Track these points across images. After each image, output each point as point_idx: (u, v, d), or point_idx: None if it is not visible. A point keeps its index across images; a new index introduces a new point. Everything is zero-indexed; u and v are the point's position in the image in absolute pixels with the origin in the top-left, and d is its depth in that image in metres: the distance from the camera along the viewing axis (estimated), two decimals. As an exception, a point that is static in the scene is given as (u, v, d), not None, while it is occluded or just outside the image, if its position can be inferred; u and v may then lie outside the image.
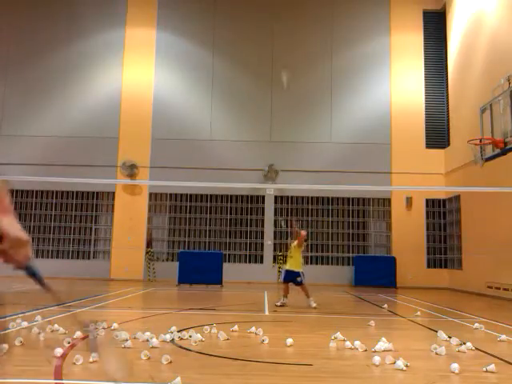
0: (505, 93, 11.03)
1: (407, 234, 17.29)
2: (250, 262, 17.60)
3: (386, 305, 9.71)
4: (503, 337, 5.96)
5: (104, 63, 18.38)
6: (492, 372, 4.20)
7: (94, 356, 1.70)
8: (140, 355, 4.41)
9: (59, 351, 4.44)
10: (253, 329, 6.02)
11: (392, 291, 14.82)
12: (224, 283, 14.89)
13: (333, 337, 5.57)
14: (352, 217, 17.82)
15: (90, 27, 18.45)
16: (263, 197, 17.77)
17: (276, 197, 17.80)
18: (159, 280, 16.61)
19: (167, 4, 18.56)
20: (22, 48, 18.45)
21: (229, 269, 16.31)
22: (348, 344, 5.19)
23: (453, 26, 17.06)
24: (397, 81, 18.10)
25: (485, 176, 13.00)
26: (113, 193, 17.85)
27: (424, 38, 18.31)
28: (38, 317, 6.52)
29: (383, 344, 5.12)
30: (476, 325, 6.95)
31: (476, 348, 5.23)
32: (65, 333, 5.40)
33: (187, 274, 14.83)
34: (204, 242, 17.72)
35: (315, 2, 18.54)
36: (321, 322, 7.65)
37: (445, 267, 17.20)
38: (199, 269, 14.77)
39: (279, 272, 17.05)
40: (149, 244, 17.59)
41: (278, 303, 9.41)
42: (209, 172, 17.21)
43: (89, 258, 17.67)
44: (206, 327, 6.02)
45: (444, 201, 17.51)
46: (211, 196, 17.85)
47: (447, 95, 17.69)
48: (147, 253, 17.27)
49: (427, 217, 17.56)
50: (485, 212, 13.95)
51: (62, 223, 17.80)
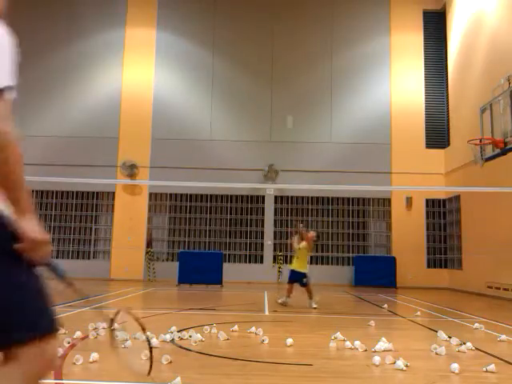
0: (505, 93, 11.03)
1: (407, 234, 17.29)
2: (250, 262, 17.61)
3: (386, 305, 9.71)
4: (503, 337, 5.96)
5: (104, 63, 18.38)
6: (492, 372, 4.20)
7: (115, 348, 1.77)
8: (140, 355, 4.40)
9: (59, 351, 4.44)
10: (253, 329, 6.02)
11: (392, 291, 14.82)
12: (224, 283, 14.89)
13: (333, 337, 5.57)
14: (352, 217, 17.82)
15: (90, 27, 18.44)
16: (263, 197, 17.77)
17: (276, 197, 17.80)
18: (159, 280, 16.61)
19: (167, 4, 18.56)
20: (22, 48, 18.15)
21: (229, 269, 16.31)
22: (348, 344, 5.20)
23: (453, 26, 17.06)
24: (397, 81, 18.10)
25: (485, 176, 13.00)
26: (113, 193, 17.85)
27: (424, 38, 18.31)
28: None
29: (383, 344, 5.12)
30: (476, 325, 6.96)
31: (476, 348, 5.23)
32: (65, 333, 5.40)
33: (187, 274, 14.83)
34: (204, 242, 17.72)
35: (315, 2, 18.54)
36: (321, 322, 7.65)
37: (445, 267, 17.20)
38: (199, 269, 14.77)
39: (279, 272, 17.08)
40: (149, 244, 17.59)
41: (280, 300, 9.44)
42: (209, 172, 17.21)
43: (89, 258, 17.67)
44: (206, 327, 6.02)
45: (444, 201, 17.51)
46: (211, 196, 17.85)
47: (447, 95, 17.69)
48: (147, 253, 17.27)
49: (427, 217, 17.57)
50: (485, 212, 13.94)
51: (62, 223, 17.80)
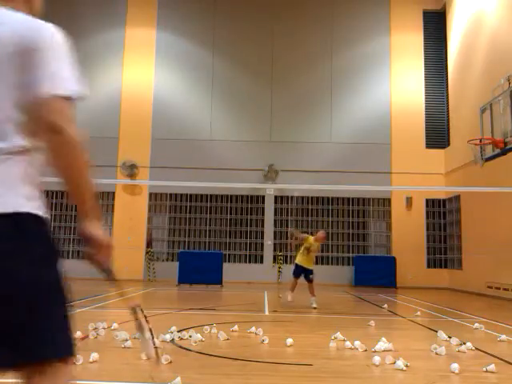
0: (505, 93, 11.03)
1: (407, 234, 17.28)
2: (250, 262, 17.60)
3: (386, 305, 9.71)
4: (503, 337, 5.97)
5: (104, 63, 18.37)
6: (492, 372, 4.20)
7: (138, 336, 1.98)
8: (140, 355, 4.41)
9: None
10: (253, 329, 6.02)
11: (392, 291, 14.81)
12: (224, 283, 14.89)
13: (333, 337, 5.57)
14: (352, 217, 17.82)
15: (90, 27, 18.43)
16: (263, 197, 17.77)
17: (276, 197, 17.80)
18: (159, 280, 16.61)
19: (167, 4, 18.56)
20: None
21: (229, 269, 16.31)
22: (348, 344, 5.20)
23: (453, 26, 17.06)
24: (397, 81, 18.10)
25: (485, 176, 13.00)
26: (113, 193, 17.84)
27: (424, 38, 18.30)
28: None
29: (383, 344, 5.12)
30: (476, 325, 6.96)
31: (476, 348, 5.23)
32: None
33: (187, 274, 14.83)
34: (204, 242, 17.72)
35: (315, 2, 18.54)
36: (321, 322, 7.66)
37: (445, 267, 17.20)
38: (199, 269, 14.76)
39: (279, 272, 17.08)
40: (149, 244, 17.59)
41: (282, 296, 9.48)
42: (209, 172, 17.20)
43: (89, 258, 17.64)
44: (206, 327, 6.02)
45: (444, 201, 17.51)
46: (211, 196, 17.85)
47: (447, 95, 17.69)
48: (147, 253, 17.27)
49: (427, 217, 17.56)
50: (485, 212, 13.94)
51: (62, 223, 17.79)
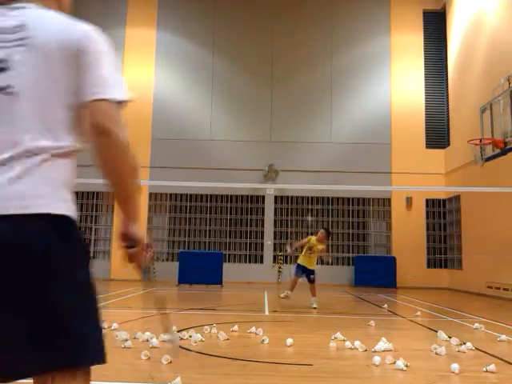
0: (505, 93, 11.03)
1: (407, 234, 17.28)
2: (250, 262, 17.60)
3: (386, 305, 9.71)
4: (503, 337, 5.96)
5: (104, 63, 18.35)
6: (492, 372, 4.20)
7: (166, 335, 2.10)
8: (140, 355, 4.41)
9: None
10: (253, 329, 6.02)
11: (392, 291, 14.81)
12: (224, 283, 14.89)
13: (333, 337, 5.57)
14: (352, 217, 17.82)
15: (90, 27, 18.42)
16: (263, 197, 17.77)
17: (276, 197, 17.80)
18: (159, 280, 16.60)
19: (167, 4, 18.56)
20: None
21: (229, 269, 16.31)
22: (348, 344, 5.19)
23: (453, 26, 17.06)
24: (397, 81, 18.10)
25: (485, 176, 12.99)
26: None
27: (424, 38, 18.30)
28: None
29: (383, 344, 5.12)
30: (476, 325, 6.95)
31: (476, 348, 5.23)
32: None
33: (187, 274, 14.83)
34: (204, 242, 17.72)
35: (315, 2, 18.54)
36: (321, 322, 7.66)
37: (445, 267, 17.20)
38: (199, 269, 14.75)
39: (279, 272, 17.08)
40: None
41: (282, 295, 9.47)
42: (209, 172, 17.20)
43: (89, 258, 17.64)
44: (206, 327, 6.01)
45: (444, 201, 17.51)
46: (211, 196, 17.85)
47: (447, 95, 17.69)
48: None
49: (427, 217, 17.56)
50: (485, 212, 13.94)
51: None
